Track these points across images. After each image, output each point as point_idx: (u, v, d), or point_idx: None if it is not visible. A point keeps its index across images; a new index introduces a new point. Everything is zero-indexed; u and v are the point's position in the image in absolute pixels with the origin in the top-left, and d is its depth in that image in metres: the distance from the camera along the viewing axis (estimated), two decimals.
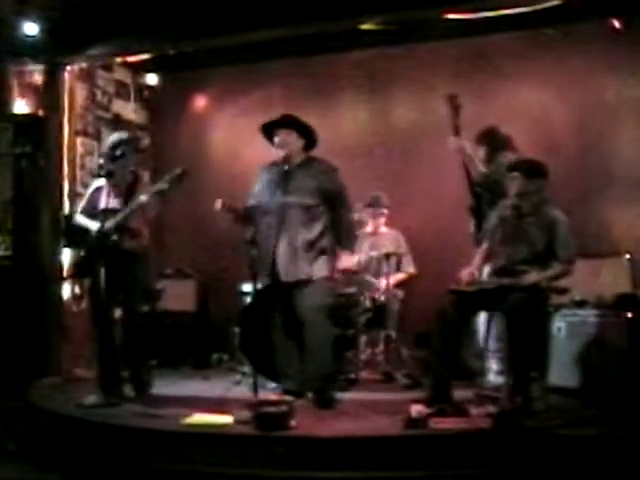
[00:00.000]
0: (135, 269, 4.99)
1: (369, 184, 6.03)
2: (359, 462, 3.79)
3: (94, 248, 4.85)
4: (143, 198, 4.81)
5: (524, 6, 5.41)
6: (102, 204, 4.93)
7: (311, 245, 4.79)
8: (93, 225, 4.90)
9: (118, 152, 4.98)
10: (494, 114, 5.71)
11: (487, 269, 4.85)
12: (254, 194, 5.00)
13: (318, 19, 5.57)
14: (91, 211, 5.01)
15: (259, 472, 3.82)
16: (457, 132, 5.23)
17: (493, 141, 5.33)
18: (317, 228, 4.83)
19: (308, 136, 4.96)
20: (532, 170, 4.62)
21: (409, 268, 6.19)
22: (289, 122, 4.94)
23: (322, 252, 4.84)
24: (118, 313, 5.08)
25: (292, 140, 4.90)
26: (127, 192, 4.96)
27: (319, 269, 4.80)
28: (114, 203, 4.91)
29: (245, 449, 3.91)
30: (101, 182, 5.09)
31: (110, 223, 4.81)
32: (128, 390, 4.99)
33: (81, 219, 5.05)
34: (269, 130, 4.99)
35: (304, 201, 4.80)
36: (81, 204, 5.19)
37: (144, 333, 5.03)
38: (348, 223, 5.00)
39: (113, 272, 4.87)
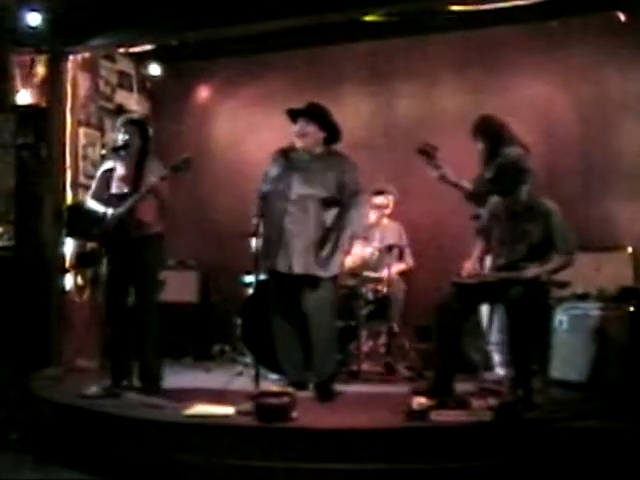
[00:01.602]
0: (147, 257, 4.89)
1: (371, 176, 6.01)
2: (360, 454, 3.79)
3: (104, 235, 4.84)
4: (153, 180, 4.75)
5: None
6: (112, 189, 4.92)
7: (323, 239, 4.75)
8: (104, 210, 4.84)
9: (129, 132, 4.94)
10: (497, 107, 5.68)
11: (489, 262, 4.85)
12: (270, 178, 4.83)
13: (321, 10, 5.56)
14: (101, 195, 4.93)
15: (260, 463, 3.82)
16: (438, 167, 5.21)
17: (489, 133, 5.24)
18: (330, 222, 4.78)
19: (330, 130, 4.85)
20: (511, 185, 4.57)
21: (408, 259, 6.20)
22: (311, 112, 4.81)
23: (333, 247, 4.78)
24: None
25: (311, 131, 4.79)
26: (135, 178, 4.88)
27: (329, 265, 4.75)
28: (124, 189, 4.88)
29: (246, 440, 3.91)
30: (110, 164, 5.02)
31: (121, 209, 4.79)
32: (136, 381, 4.96)
33: (92, 204, 4.95)
34: (293, 117, 4.86)
35: (321, 194, 4.73)
36: (91, 188, 5.07)
37: (155, 324, 4.92)
38: (362, 215, 4.91)
39: (125, 260, 4.87)
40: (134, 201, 4.76)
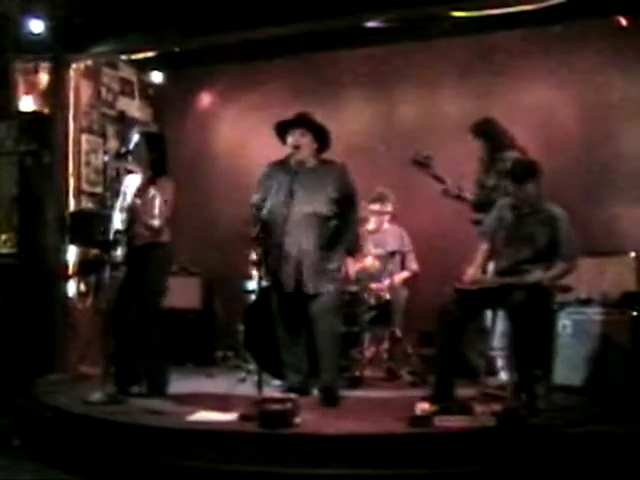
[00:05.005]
0: (150, 265, 4.91)
1: (372, 182, 6.02)
2: (363, 460, 3.78)
3: (107, 243, 4.86)
4: (153, 192, 4.78)
5: (530, 4, 5.39)
6: (126, 202, 4.95)
7: (322, 254, 4.74)
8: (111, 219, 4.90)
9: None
10: (499, 112, 5.68)
11: (491, 267, 4.84)
12: (263, 188, 4.80)
13: (323, 16, 5.57)
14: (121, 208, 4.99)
15: (263, 469, 3.82)
16: (440, 180, 5.37)
17: (491, 135, 5.32)
18: (329, 237, 4.76)
19: (322, 139, 4.84)
20: (522, 174, 4.59)
21: (412, 265, 6.18)
22: (305, 122, 4.80)
23: (333, 260, 4.78)
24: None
25: (306, 142, 4.77)
26: (144, 188, 4.91)
27: (329, 280, 4.75)
28: (136, 201, 4.89)
29: (249, 446, 3.91)
30: (131, 179, 5.07)
31: (124, 220, 4.81)
32: (143, 388, 4.97)
33: (115, 217, 4.97)
34: (283, 129, 4.85)
35: (319, 211, 4.72)
36: (117, 202, 5.08)
37: (158, 331, 4.94)
38: (356, 229, 4.92)
39: (129, 268, 4.89)
40: (134, 211, 4.79)
